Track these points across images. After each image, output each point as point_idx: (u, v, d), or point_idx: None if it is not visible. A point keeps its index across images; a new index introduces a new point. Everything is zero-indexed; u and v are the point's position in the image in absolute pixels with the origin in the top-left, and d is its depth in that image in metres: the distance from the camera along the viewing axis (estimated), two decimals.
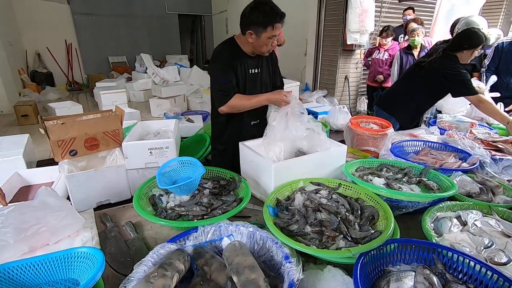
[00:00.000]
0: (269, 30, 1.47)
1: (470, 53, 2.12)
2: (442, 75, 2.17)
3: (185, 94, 5.15)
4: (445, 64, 2.18)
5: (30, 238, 0.92)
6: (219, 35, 9.27)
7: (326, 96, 4.79)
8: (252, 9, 1.47)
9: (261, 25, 1.45)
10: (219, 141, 1.92)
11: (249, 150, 1.36)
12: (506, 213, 1.09)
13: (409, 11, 4.22)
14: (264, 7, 1.44)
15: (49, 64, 7.32)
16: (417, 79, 2.33)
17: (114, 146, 2.18)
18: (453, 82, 2.15)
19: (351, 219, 1.00)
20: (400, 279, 0.77)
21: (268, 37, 1.49)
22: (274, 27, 1.46)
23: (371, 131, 1.86)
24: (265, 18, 1.44)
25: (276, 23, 1.46)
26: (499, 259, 0.86)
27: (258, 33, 1.48)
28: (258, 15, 1.44)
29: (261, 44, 1.53)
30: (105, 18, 7.93)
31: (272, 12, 1.44)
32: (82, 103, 4.67)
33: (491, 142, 1.82)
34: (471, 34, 2.14)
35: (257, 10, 1.45)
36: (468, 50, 2.11)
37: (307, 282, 0.81)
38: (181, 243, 0.89)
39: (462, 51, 2.13)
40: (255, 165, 1.34)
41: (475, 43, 2.09)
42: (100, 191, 1.98)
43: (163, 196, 1.18)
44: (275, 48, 1.64)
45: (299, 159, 1.33)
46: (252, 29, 1.48)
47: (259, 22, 1.45)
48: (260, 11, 1.44)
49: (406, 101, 2.38)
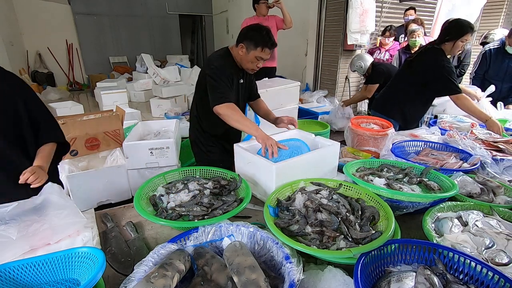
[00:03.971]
0: (258, 50, 1.59)
1: (452, 44, 2.08)
2: (428, 69, 2.15)
3: (185, 94, 5.14)
4: (430, 57, 2.15)
5: (32, 236, 0.92)
6: (220, 35, 9.27)
7: (327, 96, 4.78)
8: (252, 28, 1.63)
9: (254, 43, 1.58)
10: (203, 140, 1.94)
11: (246, 152, 1.39)
12: (507, 214, 1.09)
13: (411, 11, 4.21)
14: (262, 31, 1.59)
15: (50, 64, 7.32)
16: (407, 78, 2.30)
17: (114, 146, 2.19)
18: (437, 77, 2.11)
19: (351, 219, 1.00)
20: (401, 280, 0.77)
21: (255, 56, 1.61)
22: (263, 50, 1.60)
23: (372, 131, 1.86)
24: (259, 38, 1.58)
25: (266, 47, 1.60)
26: (500, 260, 0.85)
27: (248, 49, 1.60)
28: (255, 34, 1.59)
29: (247, 60, 1.64)
30: (106, 18, 7.94)
31: (267, 36, 1.59)
32: (83, 103, 4.67)
33: (492, 142, 1.82)
34: (453, 24, 2.11)
35: (255, 30, 1.61)
36: (450, 41, 2.08)
37: (307, 282, 0.81)
38: (182, 243, 0.89)
39: (445, 43, 2.11)
40: (254, 166, 1.35)
41: (457, 33, 2.05)
42: (100, 191, 1.98)
43: (164, 196, 1.19)
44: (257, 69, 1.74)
45: (299, 158, 1.34)
46: (244, 43, 1.61)
47: (253, 40, 1.58)
48: (258, 32, 1.59)
49: (400, 102, 2.34)
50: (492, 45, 3.15)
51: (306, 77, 5.31)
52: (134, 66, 6.73)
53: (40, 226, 0.94)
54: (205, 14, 9.60)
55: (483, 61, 3.17)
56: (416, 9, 4.28)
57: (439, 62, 2.11)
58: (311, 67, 5.12)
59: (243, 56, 1.63)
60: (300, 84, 3.06)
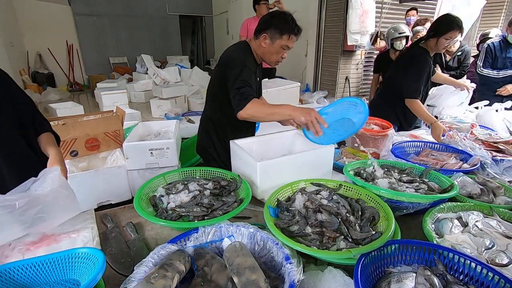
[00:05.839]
0: (284, 38, 1.45)
1: (436, 40, 2.04)
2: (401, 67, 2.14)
3: (185, 95, 5.15)
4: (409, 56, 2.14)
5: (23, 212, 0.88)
6: (220, 36, 9.29)
7: (327, 97, 4.79)
8: (273, 15, 1.47)
9: (279, 31, 1.43)
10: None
11: (239, 148, 1.37)
12: (507, 214, 1.09)
13: (413, 11, 4.21)
14: (287, 16, 1.45)
15: (50, 65, 7.34)
16: (394, 78, 2.28)
17: (115, 146, 2.19)
18: (403, 75, 2.10)
19: (351, 220, 1.00)
20: (401, 280, 0.77)
21: (281, 46, 1.47)
22: (290, 37, 1.45)
23: (372, 132, 1.86)
24: (285, 25, 1.43)
25: (293, 34, 1.45)
26: (500, 260, 0.85)
27: (273, 39, 1.46)
28: (279, 21, 1.43)
29: (272, 51, 1.49)
30: (106, 19, 7.95)
31: (293, 23, 1.44)
32: (83, 104, 4.67)
33: (492, 143, 1.82)
34: (440, 20, 2.08)
35: (279, 17, 1.45)
36: (434, 37, 2.04)
37: (307, 283, 0.81)
38: (182, 244, 0.89)
39: (429, 39, 2.08)
40: (244, 163, 1.35)
41: (442, 30, 2.01)
42: (100, 192, 1.98)
43: (164, 196, 1.19)
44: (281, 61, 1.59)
45: (286, 158, 1.32)
46: (268, 33, 1.45)
47: (278, 28, 1.43)
48: (282, 18, 1.44)
49: (391, 104, 2.29)
50: (493, 40, 3.19)
51: (306, 78, 5.32)
52: (134, 67, 6.73)
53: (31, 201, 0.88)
54: (205, 15, 9.61)
55: (487, 55, 3.20)
56: (418, 10, 4.29)
57: (412, 61, 2.08)
58: (311, 67, 5.13)
59: (267, 47, 1.48)
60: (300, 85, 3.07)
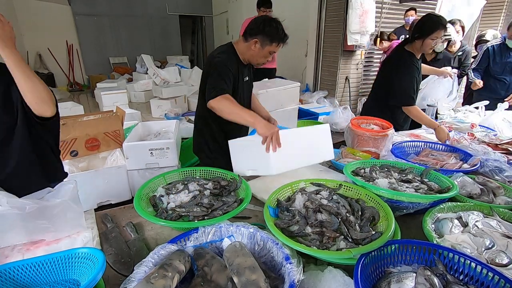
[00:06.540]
0: (273, 46, 1.58)
1: (421, 42, 1.97)
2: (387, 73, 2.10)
3: (186, 95, 5.15)
4: (394, 60, 2.11)
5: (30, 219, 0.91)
6: (220, 36, 9.28)
7: (327, 97, 4.79)
8: (265, 22, 1.57)
9: (270, 39, 1.56)
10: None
11: (238, 141, 1.42)
12: (507, 214, 1.09)
13: (411, 11, 4.22)
14: (278, 25, 1.58)
15: (50, 65, 7.33)
16: (385, 80, 2.21)
17: (115, 146, 2.18)
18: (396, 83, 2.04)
19: (351, 220, 1.00)
20: (401, 280, 0.77)
21: (269, 51, 1.60)
22: (278, 45, 1.60)
23: (372, 132, 1.86)
24: (276, 33, 1.56)
25: (281, 42, 1.60)
26: (500, 260, 0.85)
27: (264, 44, 1.57)
28: (271, 29, 1.56)
29: (260, 55, 1.62)
30: (106, 19, 7.94)
31: (282, 32, 1.59)
32: (83, 104, 4.66)
33: (498, 145, 1.80)
34: (423, 22, 2.00)
35: (270, 24, 1.56)
36: (419, 39, 1.98)
37: (307, 283, 0.81)
38: (182, 244, 0.89)
39: (414, 41, 2.01)
40: (249, 151, 1.38)
41: (426, 31, 1.94)
42: (100, 192, 1.99)
43: (164, 196, 1.19)
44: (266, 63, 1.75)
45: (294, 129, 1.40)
46: (259, 39, 1.56)
47: (269, 35, 1.56)
48: (273, 26, 1.56)
49: (381, 109, 2.21)
50: (494, 42, 3.18)
51: (306, 78, 5.32)
52: (134, 67, 6.73)
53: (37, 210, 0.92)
54: (205, 15, 9.60)
55: (484, 58, 3.20)
56: (416, 10, 4.29)
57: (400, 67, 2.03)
58: (311, 67, 5.12)
59: (256, 51, 1.59)
60: (300, 85, 3.07)
